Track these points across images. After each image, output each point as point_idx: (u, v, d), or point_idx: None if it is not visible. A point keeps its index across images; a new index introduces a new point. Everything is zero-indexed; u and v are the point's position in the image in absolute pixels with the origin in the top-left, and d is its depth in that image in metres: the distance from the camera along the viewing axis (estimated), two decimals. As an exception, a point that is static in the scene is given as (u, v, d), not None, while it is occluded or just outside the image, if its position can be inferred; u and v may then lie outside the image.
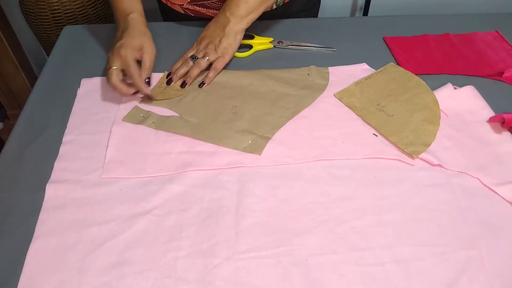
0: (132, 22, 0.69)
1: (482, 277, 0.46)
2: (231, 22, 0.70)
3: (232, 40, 0.71)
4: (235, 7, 0.70)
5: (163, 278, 0.46)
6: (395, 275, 0.47)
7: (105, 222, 0.51)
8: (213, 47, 0.70)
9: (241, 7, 0.70)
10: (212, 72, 0.70)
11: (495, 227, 0.51)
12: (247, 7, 0.70)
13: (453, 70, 0.75)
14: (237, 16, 0.70)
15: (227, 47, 0.71)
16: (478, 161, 0.58)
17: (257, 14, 0.72)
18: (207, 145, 0.60)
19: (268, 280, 0.46)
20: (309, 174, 0.57)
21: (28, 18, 1.35)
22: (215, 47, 0.70)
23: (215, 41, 0.71)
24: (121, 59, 0.65)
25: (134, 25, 0.69)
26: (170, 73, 0.71)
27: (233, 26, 0.71)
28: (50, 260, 0.48)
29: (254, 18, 0.72)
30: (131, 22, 0.69)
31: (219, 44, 0.70)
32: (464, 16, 0.90)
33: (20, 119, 0.65)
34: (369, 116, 0.65)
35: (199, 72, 0.70)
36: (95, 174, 0.57)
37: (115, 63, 0.64)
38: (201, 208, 0.53)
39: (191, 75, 0.69)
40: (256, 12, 0.72)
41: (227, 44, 0.71)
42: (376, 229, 0.51)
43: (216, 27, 0.72)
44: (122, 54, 0.64)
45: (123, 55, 0.64)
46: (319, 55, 0.78)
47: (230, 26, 0.70)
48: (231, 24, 0.70)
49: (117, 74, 0.64)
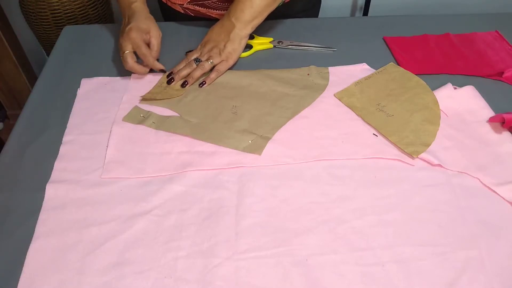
0: (137, 10, 0.73)
1: (482, 277, 0.46)
2: (236, 27, 0.71)
3: (237, 45, 0.72)
4: (240, 12, 0.70)
5: (163, 278, 0.46)
6: (395, 275, 0.47)
7: (105, 222, 0.51)
8: (217, 51, 0.71)
9: (246, 12, 0.70)
10: (214, 73, 0.70)
11: (495, 227, 0.51)
12: (252, 12, 0.70)
13: (453, 70, 0.75)
14: (242, 21, 0.71)
15: (232, 52, 0.71)
16: (478, 161, 0.58)
17: (262, 19, 0.73)
18: (207, 145, 0.60)
19: (268, 280, 0.46)
20: (309, 174, 0.57)
21: (28, 18, 1.35)
22: (220, 51, 0.71)
23: (220, 45, 0.71)
24: (131, 41, 0.69)
25: (139, 11, 0.73)
26: (171, 73, 0.71)
27: (238, 31, 0.71)
28: (50, 260, 0.48)
29: (259, 23, 0.73)
30: (135, 9, 0.73)
31: (224, 49, 0.71)
32: (464, 16, 0.90)
33: (20, 119, 0.65)
34: (369, 116, 0.65)
35: (202, 74, 0.70)
36: (95, 174, 0.57)
37: (127, 47, 0.69)
38: (201, 208, 0.53)
39: (194, 76, 0.69)
40: (261, 17, 0.72)
41: (232, 49, 0.71)
42: (376, 229, 0.51)
43: (221, 31, 0.72)
44: (132, 36, 0.69)
45: (133, 37, 0.69)
46: (319, 55, 0.78)
47: (236, 31, 0.71)
48: (236, 29, 0.71)
49: (131, 57, 0.70)
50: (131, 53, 0.69)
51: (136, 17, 0.71)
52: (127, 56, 0.69)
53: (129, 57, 0.69)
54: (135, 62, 0.70)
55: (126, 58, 0.69)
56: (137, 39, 0.69)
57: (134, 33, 0.69)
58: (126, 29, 0.69)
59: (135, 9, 0.73)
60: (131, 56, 0.69)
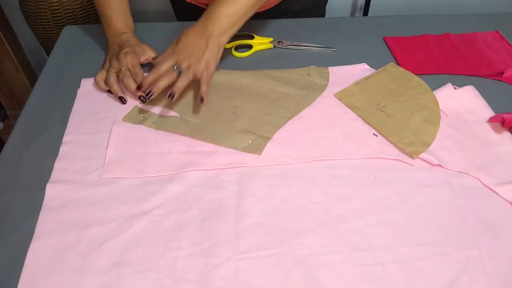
0: (128, 38, 0.73)
1: (482, 277, 0.46)
2: (214, 35, 0.65)
3: (215, 54, 0.66)
4: (218, 20, 0.66)
5: (163, 278, 0.46)
6: (395, 275, 0.47)
7: (105, 222, 0.51)
8: (196, 58, 0.65)
9: (224, 20, 0.66)
10: (205, 86, 0.65)
11: (495, 227, 0.51)
12: (230, 21, 0.66)
13: (453, 70, 0.75)
14: (220, 29, 0.66)
15: (211, 59, 0.66)
16: (478, 161, 0.58)
17: (239, 27, 0.68)
18: (207, 145, 0.60)
19: (268, 280, 0.46)
20: (309, 174, 0.57)
21: (28, 18, 1.35)
22: (198, 59, 0.65)
23: (198, 52, 0.65)
24: (127, 61, 0.68)
25: (131, 39, 0.73)
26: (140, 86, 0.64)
27: (216, 39, 0.66)
28: (50, 260, 0.48)
29: (236, 31, 0.68)
30: (127, 37, 0.73)
31: (202, 56, 0.65)
32: (464, 16, 0.90)
33: (20, 119, 0.65)
34: (369, 116, 0.65)
35: (187, 82, 0.63)
36: (95, 174, 0.57)
37: (122, 65, 0.68)
38: (201, 208, 0.53)
39: (179, 86, 0.62)
40: (238, 25, 0.68)
41: (211, 57, 0.66)
42: (376, 229, 0.51)
43: (198, 37, 0.65)
44: (129, 57, 0.68)
45: (130, 59, 0.68)
46: (319, 55, 0.78)
47: (214, 38, 0.65)
48: (214, 36, 0.65)
49: (114, 76, 0.68)
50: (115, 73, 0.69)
51: (129, 43, 0.71)
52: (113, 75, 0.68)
53: (113, 76, 0.68)
54: (116, 82, 0.68)
55: (110, 76, 0.67)
56: (134, 59, 0.69)
57: (131, 55, 0.69)
58: (122, 51, 0.69)
59: (126, 37, 0.73)
60: (114, 76, 0.68)
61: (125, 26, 0.75)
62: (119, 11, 0.74)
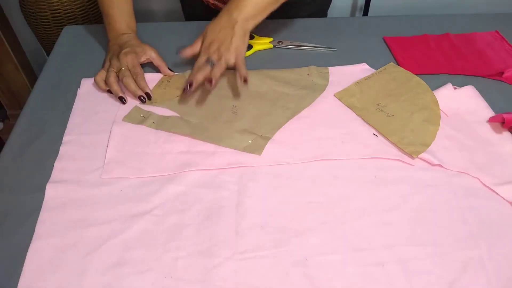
0: (129, 38, 0.74)
1: (482, 277, 0.46)
2: (239, 22, 0.68)
3: (242, 38, 0.69)
4: (243, 7, 0.68)
5: (163, 278, 0.46)
6: (395, 275, 0.47)
7: (105, 222, 0.51)
8: (225, 47, 0.68)
9: (250, 7, 0.68)
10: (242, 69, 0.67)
11: (495, 227, 0.51)
12: (256, 7, 0.69)
13: (453, 70, 0.75)
14: (245, 16, 0.68)
15: (240, 45, 0.68)
16: (478, 161, 0.58)
17: (263, 17, 0.70)
18: (207, 145, 0.60)
19: (268, 280, 0.46)
20: (309, 174, 0.57)
21: (28, 18, 1.35)
22: (227, 48, 0.68)
23: (226, 41, 0.68)
24: (127, 60, 0.69)
25: (132, 39, 0.74)
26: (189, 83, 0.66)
27: (241, 25, 0.68)
28: (50, 260, 0.48)
29: (260, 21, 0.70)
30: (128, 38, 0.74)
31: (231, 44, 0.68)
32: (464, 16, 0.90)
33: (20, 119, 0.65)
34: (369, 116, 0.65)
35: (222, 72, 0.66)
36: (95, 174, 0.57)
37: (123, 65, 0.68)
38: (201, 208, 0.53)
39: (215, 76, 0.65)
40: (262, 14, 0.70)
41: (239, 42, 0.68)
42: (376, 229, 0.51)
43: (222, 28, 0.69)
44: (129, 57, 0.69)
45: (130, 58, 0.69)
46: (319, 55, 0.78)
47: (239, 24, 0.68)
48: (240, 23, 0.68)
49: (114, 76, 0.68)
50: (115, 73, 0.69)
51: (130, 44, 0.71)
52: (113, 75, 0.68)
53: (113, 76, 0.68)
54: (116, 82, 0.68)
55: (110, 76, 0.68)
56: (135, 59, 0.69)
57: (131, 54, 0.69)
58: (122, 51, 0.69)
59: (127, 38, 0.73)
60: (115, 76, 0.69)
61: (126, 27, 0.75)
62: (122, 12, 0.75)
